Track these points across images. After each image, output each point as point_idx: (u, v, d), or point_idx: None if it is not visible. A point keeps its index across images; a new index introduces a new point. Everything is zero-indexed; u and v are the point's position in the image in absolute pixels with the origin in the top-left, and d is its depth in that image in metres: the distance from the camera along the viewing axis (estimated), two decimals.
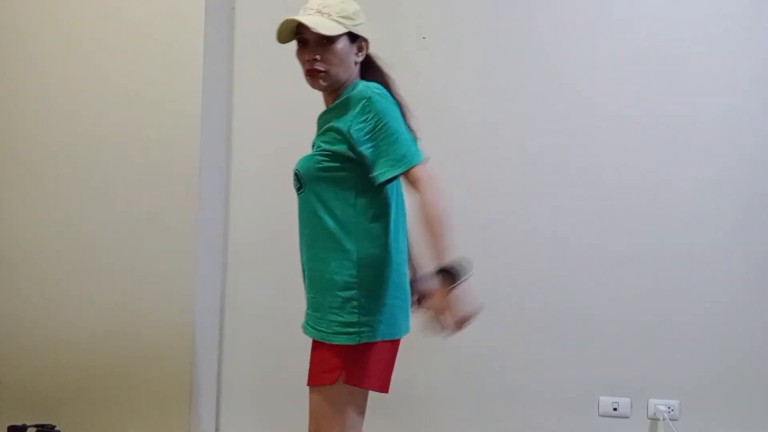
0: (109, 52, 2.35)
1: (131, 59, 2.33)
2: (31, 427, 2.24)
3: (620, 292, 2.30)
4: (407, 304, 1.54)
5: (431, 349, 2.34)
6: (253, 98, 2.49)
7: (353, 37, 1.50)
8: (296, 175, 1.53)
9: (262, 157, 2.47)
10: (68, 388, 2.36)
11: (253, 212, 2.47)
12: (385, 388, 1.49)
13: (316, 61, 1.48)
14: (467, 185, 2.36)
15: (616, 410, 2.30)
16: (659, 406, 2.28)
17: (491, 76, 2.38)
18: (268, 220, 2.44)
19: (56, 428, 2.25)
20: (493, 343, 2.35)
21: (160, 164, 2.31)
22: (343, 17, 1.47)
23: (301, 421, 1.63)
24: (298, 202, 1.56)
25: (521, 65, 2.37)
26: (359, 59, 1.54)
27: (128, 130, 2.34)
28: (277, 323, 2.43)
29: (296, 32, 1.50)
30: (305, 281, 1.56)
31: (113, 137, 2.35)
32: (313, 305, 1.51)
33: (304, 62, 1.51)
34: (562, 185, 2.33)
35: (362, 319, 1.43)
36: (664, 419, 2.26)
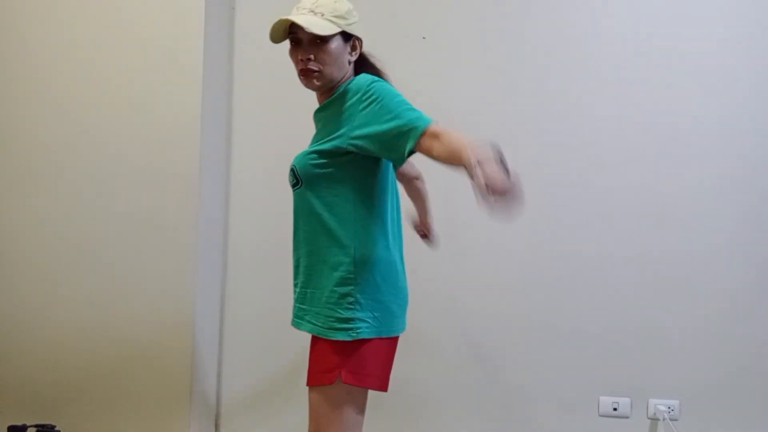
0: (108, 52, 2.35)
1: (131, 59, 2.34)
2: (31, 427, 2.24)
3: (621, 292, 2.30)
4: (404, 301, 1.55)
5: (431, 348, 2.35)
6: (253, 98, 2.49)
7: (347, 36, 1.50)
8: (292, 170, 1.53)
9: (262, 157, 2.48)
10: (68, 388, 2.36)
11: (253, 212, 2.48)
12: (384, 387, 1.49)
13: (309, 60, 1.47)
14: (467, 185, 2.36)
15: (616, 410, 2.30)
16: (659, 406, 2.28)
17: (491, 76, 2.38)
18: (268, 220, 2.45)
19: (56, 428, 2.25)
20: (493, 343, 2.35)
21: (160, 164, 2.31)
22: (336, 17, 1.46)
23: (300, 421, 1.63)
24: (293, 197, 1.56)
25: (521, 66, 2.37)
26: (353, 58, 1.54)
27: (128, 129, 2.34)
28: (277, 323, 2.43)
29: (289, 32, 1.50)
30: (296, 276, 1.56)
31: (113, 137, 2.35)
32: (309, 300, 1.51)
33: (297, 62, 1.51)
34: (562, 186, 2.33)
35: (358, 315, 1.44)
36: (664, 419, 2.26)
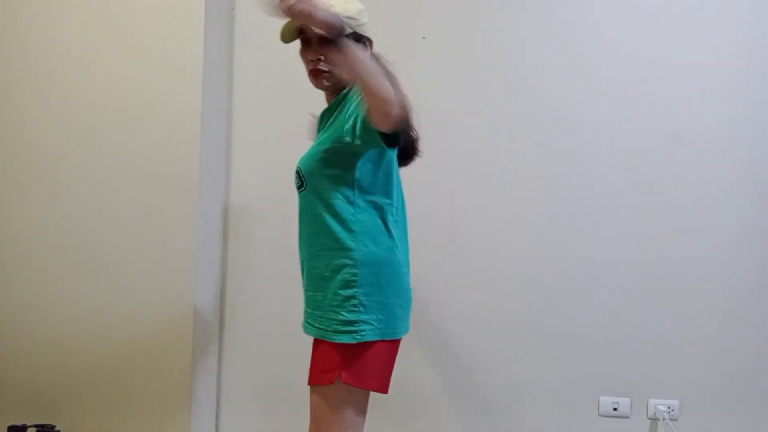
0: (108, 52, 2.34)
1: (131, 59, 2.33)
2: (31, 427, 2.24)
3: (621, 292, 2.30)
4: (407, 303, 1.54)
5: (431, 349, 2.35)
6: (253, 98, 2.49)
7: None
8: (298, 172, 1.53)
9: (261, 157, 2.47)
10: (68, 388, 2.36)
11: (253, 212, 2.47)
12: (384, 388, 1.49)
13: (320, 61, 1.48)
14: (468, 185, 2.36)
15: (616, 410, 2.30)
16: (659, 406, 2.28)
17: (491, 77, 2.37)
18: (268, 220, 2.44)
19: (56, 428, 2.25)
20: (493, 343, 2.35)
21: (160, 164, 2.31)
22: (346, 17, 1.46)
23: (300, 421, 1.63)
24: (298, 200, 1.56)
25: (521, 67, 2.36)
26: None
27: (128, 130, 2.33)
28: (276, 323, 2.43)
29: (299, 32, 1.50)
30: (304, 279, 1.56)
31: (113, 137, 2.34)
32: (313, 303, 1.51)
33: (307, 62, 1.51)
34: (562, 186, 2.33)
35: (362, 317, 1.43)
36: (664, 419, 2.26)
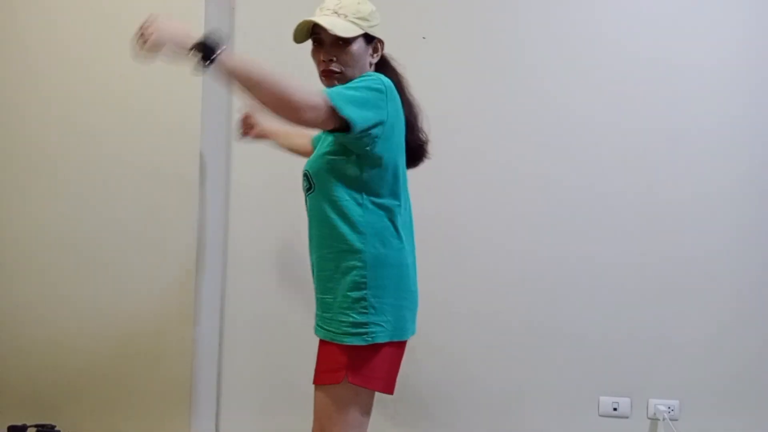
0: (108, 52, 2.34)
1: (131, 59, 2.32)
2: (31, 427, 2.23)
3: (621, 292, 2.31)
4: (415, 305, 1.55)
5: (432, 349, 2.35)
6: None
7: (369, 38, 1.50)
8: (305, 175, 1.53)
9: (262, 157, 2.46)
10: (68, 388, 2.35)
11: (253, 212, 2.47)
12: (390, 389, 1.49)
13: (332, 62, 1.48)
14: (468, 185, 2.36)
15: (616, 410, 2.31)
16: (659, 406, 2.28)
17: (491, 77, 2.37)
18: (268, 220, 2.44)
19: (56, 428, 2.25)
20: (493, 343, 2.35)
21: (160, 164, 2.30)
22: (359, 18, 1.47)
23: (301, 421, 1.63)
24: (307, 203, 1.55)
25: (521, 67, 2.36)
26: (374, 60, 1.54)
27: (128, 129, 2.32)
28: (277, 323, 2.43)
29: (312, 32, 1.50)
30: (315, 282, 1.56)
31: (113, 137, 2.33)
32: (323, 306, 1.51)
33: (319, 62, 1.51)
34: (562, 187, 2.33)
35: (372, 319, 1.43)
36: (664, 419, 2.27)
